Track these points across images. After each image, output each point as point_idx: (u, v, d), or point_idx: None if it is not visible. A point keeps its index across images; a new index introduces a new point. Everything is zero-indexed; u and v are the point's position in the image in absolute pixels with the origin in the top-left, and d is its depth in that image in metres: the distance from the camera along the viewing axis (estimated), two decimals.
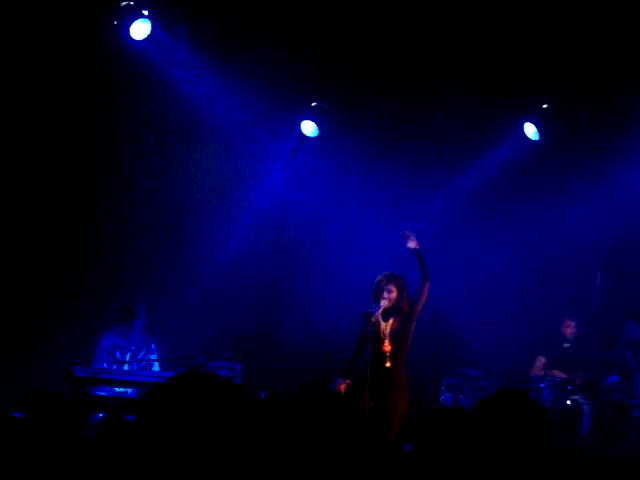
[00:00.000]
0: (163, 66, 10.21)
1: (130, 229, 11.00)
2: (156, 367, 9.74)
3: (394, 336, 8.59)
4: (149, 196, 11.04)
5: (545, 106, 10.86)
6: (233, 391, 2.58)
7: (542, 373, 10.86)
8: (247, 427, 2.54)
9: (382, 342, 8.56)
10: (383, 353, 8.53)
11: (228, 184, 11.34)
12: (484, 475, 3.14)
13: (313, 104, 10.93)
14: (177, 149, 11.05)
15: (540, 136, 11.00)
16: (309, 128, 11.10)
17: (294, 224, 11.62)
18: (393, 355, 8.56)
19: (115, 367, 9.56)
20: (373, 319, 8.60)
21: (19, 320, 10.41)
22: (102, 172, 10.75)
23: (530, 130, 11.04)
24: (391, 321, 8.64)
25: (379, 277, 8.75)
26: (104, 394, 9.10)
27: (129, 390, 9.22)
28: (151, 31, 9.71)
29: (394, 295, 8.65)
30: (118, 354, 9.76)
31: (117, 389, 9.22)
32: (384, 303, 8.62)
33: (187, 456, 2.42)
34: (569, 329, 11.03)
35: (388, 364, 8.52)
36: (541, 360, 11.02)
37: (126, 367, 9.62)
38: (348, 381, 8.61)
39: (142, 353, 9.81)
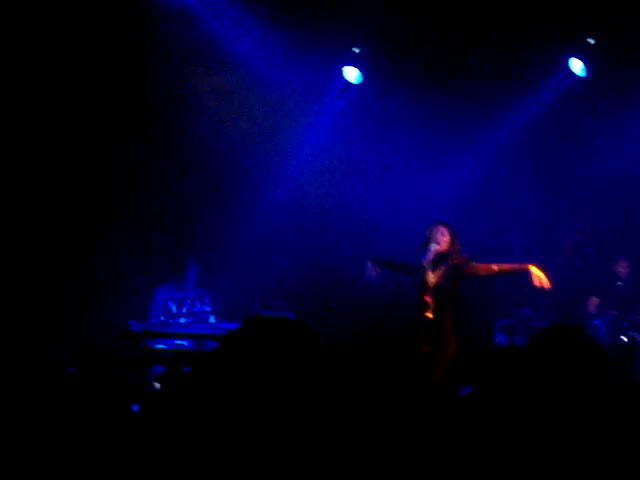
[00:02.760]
0: (204, 15, 10.17)
1: (180, 182, 11.04)
2: (212, 319, 9.81)
3: (436, 291, 8.36)
4: (198, 149, 11.06)
5: (592, 41, 10.66)
6: (304, 332, 2.59)
7: (596, 311, 10.83)
8: (315, 369, 2.55)
9: (425, 292, 8.37)
10: (425, 303, 8.37)
11: (275, 132, 11.31)
12: (541, 410, 3.15)
13: (356, 50, 10.81)
14: (225, 99, 11.02)
15: (587, 72, 10.83)
16: (352, 74, 10.99)
17: (342, 170, 11.58)
18: (436, 306, 8.33)
19: (171, 321, 9.65)
20: (424, 264, 8.46)
21: (76, 277, 10.53)
22: (149, 125, 10.76)
23: (577, 66, 10.86)
24: (438, 273, 8.40)
25: (430, 226, 8.60)
26: (161, 347, 9.20)
27: (186, 343, 9.29)
28: None
29: (447, 238, 8.42)
30: (173, 308, 9.84)
31: (174, 342, 9.30)
32: (435, 247, 8.39)
33: (260, 398, 2.43)
34: (622, 269, 10.97)
35: (430, 315, 8.36)
36: (594, 300, 10.98)
37: (182, 320, 9.71)
38: (377, 269, 8.59)
39: (197, 306, 9.89)
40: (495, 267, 8.43)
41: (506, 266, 8.52)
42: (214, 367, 2.55)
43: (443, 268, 8.43)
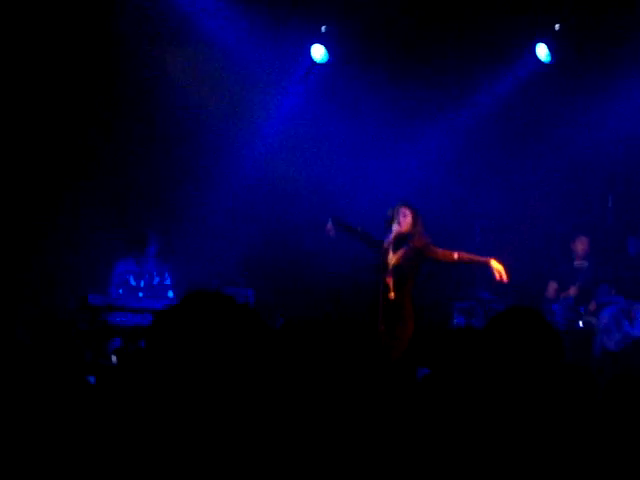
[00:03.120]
0: None
1: (143, 156, 10.96)
2: (170, 294, 9.78)
3: (396, 271, 8.39)
4: (163, 124, 10.98)
5: (557, 26, 10.71)
6: (245, 313, 2.55)
7: (554, 296, 10.86)
8: (260, 351, 2.51)
9: (385, 273, 8.40)
10: (386, 283, 8.40)
11: (241, 109, 11.26)
12: (496, 392, 3.17)
13: (323, 28, 10.78)
14: (193, 75, 10.96)
15: (552, 58, 10.88)
16: (319, 53, 10.96)
17: (307, 148, 11.55)
18: (396, 287, 8.37)
19: (130, 294, 9.62)
20: (385, 245, 8.46)
21: (35, 250, 10.43)
22: (113, 100, 10.68)
23: (542, 52, 10.91)
24: (398, 254, 8.44)
25: (393, 207, 8.58)
26: (119, 321, 9.17)
27: (144, 317, 9.27)
28: None
29: (409, 220, 8.46)
30: (132, 281, 9.79)
31: (132, 316, 9.26)
32: (396, 228, 8.43)
33: (198, 380, 2.41)
34: (581, 245, 10.87)
35: (391, 295, 8.37)
36: (553, 285, 10.98)
37: (140, 294, 9.67)
38: (336, 230, 8.63)
39: (157, 280, 9.85)
40: (456, 255, 8.47)
41: (466, 256, 8.56)
42: (148, 344, 2.52)
43: (404, 249, 8.43)
